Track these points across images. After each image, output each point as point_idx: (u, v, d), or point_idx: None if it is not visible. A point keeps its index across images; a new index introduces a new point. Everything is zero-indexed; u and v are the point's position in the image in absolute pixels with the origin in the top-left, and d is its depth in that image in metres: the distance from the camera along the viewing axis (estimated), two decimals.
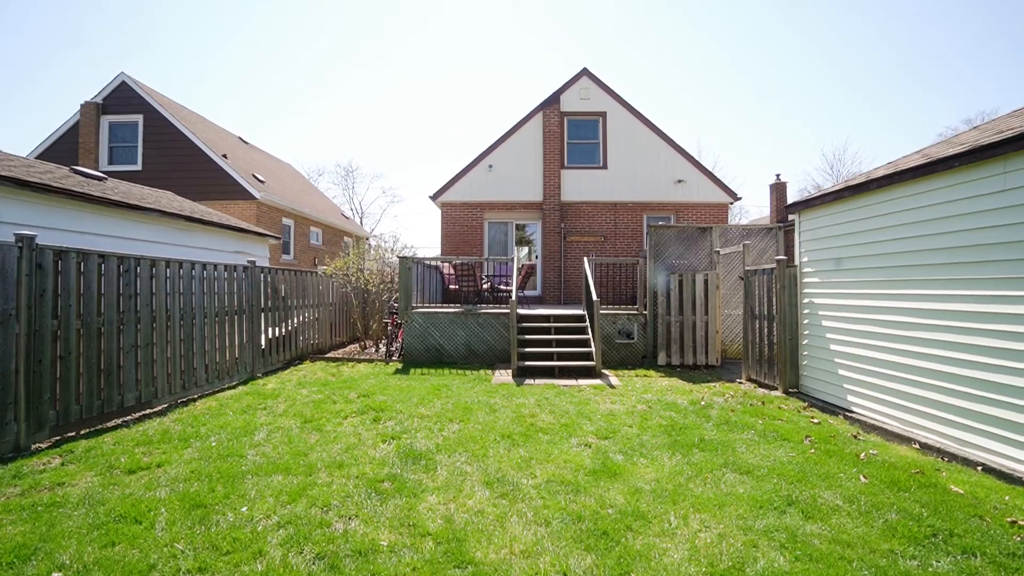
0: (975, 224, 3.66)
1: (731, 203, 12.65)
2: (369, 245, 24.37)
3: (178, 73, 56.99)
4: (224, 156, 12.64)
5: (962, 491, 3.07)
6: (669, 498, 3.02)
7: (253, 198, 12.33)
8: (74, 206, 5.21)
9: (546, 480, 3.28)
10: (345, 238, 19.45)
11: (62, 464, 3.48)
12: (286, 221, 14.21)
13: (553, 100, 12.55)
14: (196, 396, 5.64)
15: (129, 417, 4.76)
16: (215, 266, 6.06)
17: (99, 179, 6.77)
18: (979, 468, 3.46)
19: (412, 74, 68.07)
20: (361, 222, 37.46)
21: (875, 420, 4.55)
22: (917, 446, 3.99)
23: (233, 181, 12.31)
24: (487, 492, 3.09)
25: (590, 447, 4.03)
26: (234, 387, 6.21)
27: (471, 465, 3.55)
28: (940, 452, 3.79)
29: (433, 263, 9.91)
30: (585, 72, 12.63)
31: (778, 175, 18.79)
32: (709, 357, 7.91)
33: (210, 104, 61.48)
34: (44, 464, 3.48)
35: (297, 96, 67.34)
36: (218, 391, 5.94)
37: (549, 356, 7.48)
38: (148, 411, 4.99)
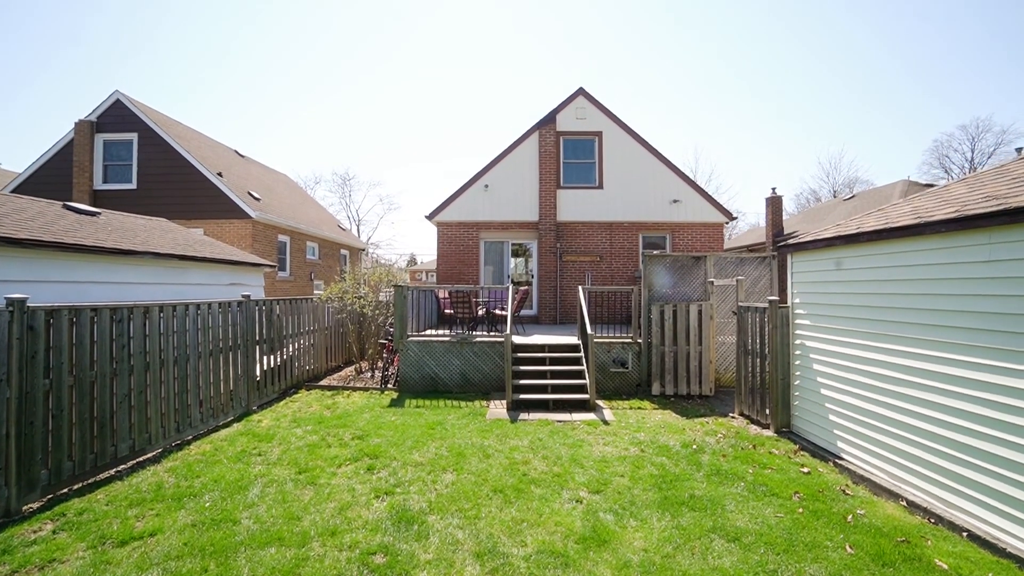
0: (964, 290, 3.70)
1: (726, 222, 12.72)
2: (366, 255, 24.36)
3: (174, 80, 56.74)
4: (219, 174, 12.62)
5: (946, 566, 3.11)
6: (656, 574, 3.04)
7: (248, 217, 12.31)
8: (66, 257, 5.21)
9: (536, 550, 3.31)
10: (342, 251, 19.44)
11: (53, 532, 3.49)
12: (282, 238, 14.20)
13: (549, 120, 12.59)
14: (190, 438, 5.65)
15: (123, 467, 4.76)
16: (208, 305, 6.06)
17: (92, 214, 6.76)
18: (964, 534, 3.50)
19: (410, 76, 68.03)
20: (358, 230, 37.41)
21: (864, 471, 4.59)
22: (904, 503, 4.03)
23: (228, 200, 12.29)
24: (477, 567, 3.11)
25: (581, 503, 4.06)
26: (228, 424, 6.22)
27: (463, 530, 3.57)
28: (927, 512, 3.83)
29: (428, 288, 9.93)
30: (581, 92, 12.67)
31: (773, 188, 18.88)
32: (703, 387, 7.96)
33: (207, 111, 61.34)
34: (35, 532, 3.49)
35: (295, 101, 67.29)
36: (212, 430, 5.95)
37: (544, 388, 7.51)
38: (142, 458, 4.99)
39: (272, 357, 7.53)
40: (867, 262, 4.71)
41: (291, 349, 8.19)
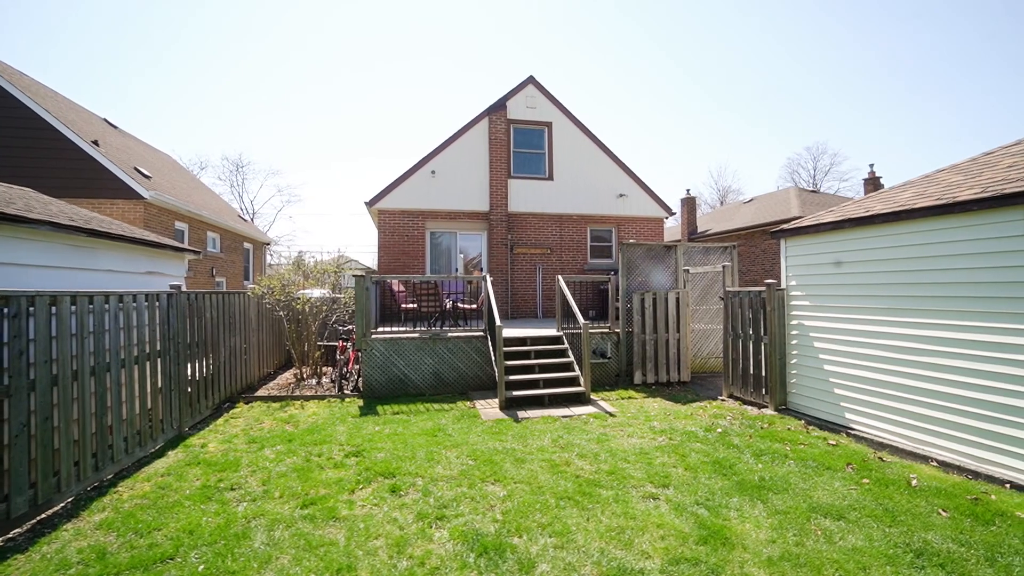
0: (994, 263, 4.02)
1: (666, 217, 13.32)
2: (270, 250, 21.45)
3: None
4: (95, 143, 9.91)
5: None
6: (811, 567, 2.76)
7: (140, 198, 9.82)
8: None
9: (667, 560, 2.83)
10: (245, 244, 16.80)
11: None
12: (179, 225, 11.67)
13: (499, 106, 12.08)
14: (111, 476, 4.15)
15: (21, 529, 3.27)
16: (133, 297, 4.55)
17: None
18: (1007, 486, 3.78)
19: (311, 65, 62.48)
20: (252, 223, 33.15)
21: (881, 438, 4.85)
22: (936, 464, 4.29)
23: (111, 176, 9.68)
24: None
25: (660, 500, 3.67)
26: (161, 453, 4.73)
27: (567, 551, 2.95)
28: (960, 470, 4.10)
29: (391, 279, 8.83)
30: (531, 80, 12.37)
31: (688, 190, 20.48)
32: (682, 374, 8.08)
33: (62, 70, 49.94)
34: None
35: (181, 71, 57.81)
36: (141, 463, 4.46)
37: (535, 384, 7.01)
38: (49, 512, 3.50)
39: (203, 365, 5.98)
40: (880, 242, 4.98)
41: (223, 354, 6.63)
